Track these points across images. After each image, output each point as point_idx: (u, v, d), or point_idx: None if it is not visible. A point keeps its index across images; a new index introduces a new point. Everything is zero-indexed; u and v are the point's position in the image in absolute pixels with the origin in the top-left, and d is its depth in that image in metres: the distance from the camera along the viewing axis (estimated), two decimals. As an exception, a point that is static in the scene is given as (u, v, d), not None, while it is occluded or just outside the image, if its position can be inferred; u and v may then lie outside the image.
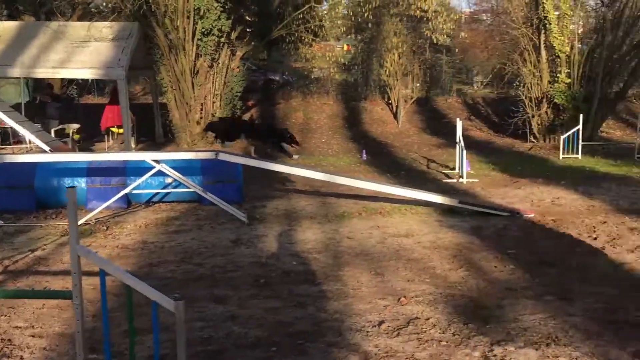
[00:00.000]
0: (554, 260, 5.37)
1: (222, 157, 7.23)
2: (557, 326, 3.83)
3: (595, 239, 6.10)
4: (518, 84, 18.26)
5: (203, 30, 14.81)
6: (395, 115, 21.68)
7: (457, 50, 27.57)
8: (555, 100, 16.72)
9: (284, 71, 25.93)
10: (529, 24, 17.58)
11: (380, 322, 3.94)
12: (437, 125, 21.14)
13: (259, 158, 9.90)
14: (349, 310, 4.18)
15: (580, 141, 14.32)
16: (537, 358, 3.38)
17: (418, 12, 19.12)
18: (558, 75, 16.86)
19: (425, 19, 19.85)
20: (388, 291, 4.59)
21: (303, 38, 17.88)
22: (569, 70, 16.79)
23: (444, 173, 11.93)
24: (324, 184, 9.18)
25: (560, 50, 16.65)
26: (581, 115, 14.92)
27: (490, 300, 4.36)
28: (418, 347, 3.56)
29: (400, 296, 4.45)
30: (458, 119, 12.47)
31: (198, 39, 14.98)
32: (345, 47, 29.19)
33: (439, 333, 3.77)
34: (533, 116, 17.47)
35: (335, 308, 4.23)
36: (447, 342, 3.62)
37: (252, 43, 17.62)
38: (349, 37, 26.33)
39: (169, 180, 7.97)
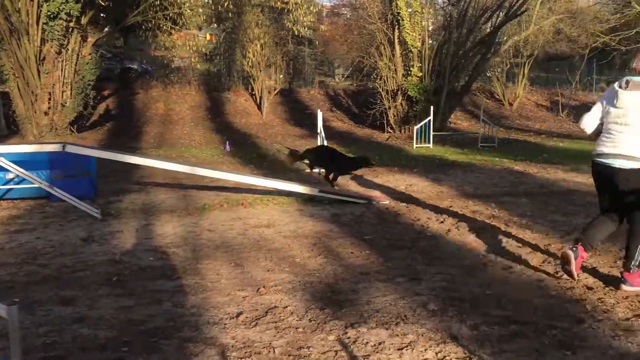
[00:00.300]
0: (405, 243, 5.68)
1: (70, 149, 6.75)
2: (406, 306, 4.04)
3: (442, 222, 6.54)
4: (375, 76, 19.08)
5: (49, 13, 13.75)
6: (259, 106, 21.71)
7: (317, 42, 28.14)
8: (409, 92, 17.70)
9: (143, 59, 24.87)
10: (384, 20, 18.41)
11: (239, 314, 3.91)
12: (301, 116, 21.51)
13: (115, 150, 9.37)
14: (206, 303, 4.11)
15: (431, 131, 15.32)
16: (387, 337, 3.55)
17: (279, 3, 19.25)
18: (411, 69, 17.86)
19: (286, 10, 20.05)
20: (247, 282, 4.58)
21: (161, 25, 17.26)
22: (420, 65, 17.85)
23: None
24: (185, 176, 8.96)
25: (412, 45, 17.64)
26: (432, 107, 15.96)
27: (346, 285, 4.51)
28: (275, 336, 3.59)
29: (260, 286, 4.45)
30: (319, 111, 12.76)
31: (44, 23, 13.88)
32: (209, 37, 28.65)
33: (297, 320, 3.83)
34: (389, 108, 18.37)
35: (193, 302, 4.13)
36: (303, 329, 3.69)
37: (106, 29, 16.70)
38: (211, 26, 25.85)
39: (10, 175, 7.31)
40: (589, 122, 4.51)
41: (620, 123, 4.20)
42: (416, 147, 15.07)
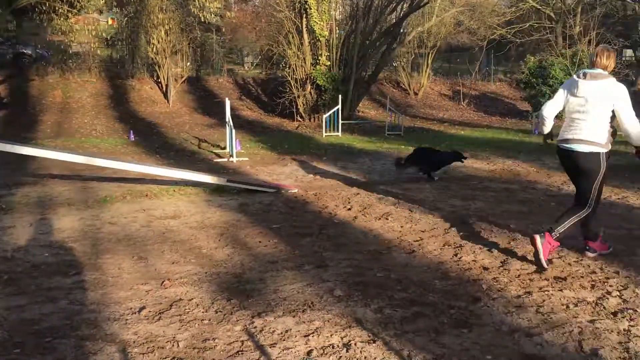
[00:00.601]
0: (313, 231, 5.72)
1: (-46, 140, 6.25)
2: (313, 293, 4.08)
3: (349, 209, 6.65)
4: (284, 65, 19.03)
5: None
6: (165, 95, 21.06)
7: (225, 30, 27.65)
8: (318, 81, 17.81)
9: (38, 44, 23.38)
10: (292, 8, 18.37)
11: (141, 308, 3.79)
12: (209, 104, 21.08)
13: (7, 141, 8.74)
14: (107, 299, 3.94)
15: (340, 120, 15.51)
16: (294, 324, 3.56)
17: (184, -12, 18.70)
18: (319, 58, 17.96)
19: (191, -4, 19.54)
20: (151, 275, 4.44)
21: (57, 8, 16.29)
22: (328, 54, 18.00)
23: (215, 153, 11.96)
24: (85, 168, 8.54)
25: (320, 35, 17.73)
26: (340, 96, 16.16)
27: (253, 274, 4.48)
28: (180, 329, 3.50)
29: (164, 279, 4.33)
30: (226, 99, 12.58)
31: None
32: (111, 21, 27.44)
33: (202, 312, 3.76)
34: (299, 96, 18.40)
35: (92, 299, 3.95)
36: (209, 320, 3.63)
37: (-5, 11, 15.55)
38: (112, 10, 24.75)
39: None
40: (551, 109, 4.76)
41: (581, 111, 4.55)
42: (325, 135, 15.21)
